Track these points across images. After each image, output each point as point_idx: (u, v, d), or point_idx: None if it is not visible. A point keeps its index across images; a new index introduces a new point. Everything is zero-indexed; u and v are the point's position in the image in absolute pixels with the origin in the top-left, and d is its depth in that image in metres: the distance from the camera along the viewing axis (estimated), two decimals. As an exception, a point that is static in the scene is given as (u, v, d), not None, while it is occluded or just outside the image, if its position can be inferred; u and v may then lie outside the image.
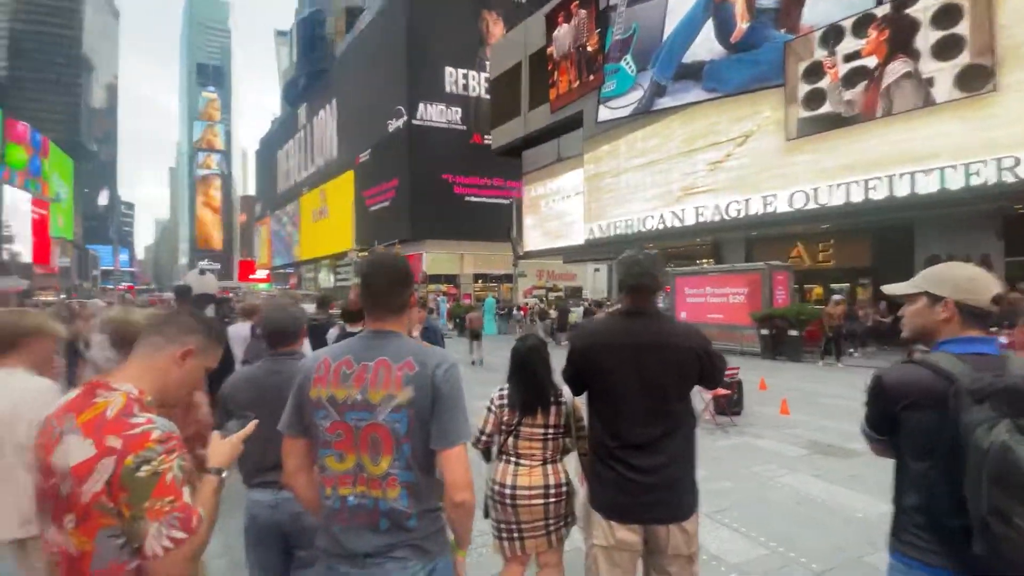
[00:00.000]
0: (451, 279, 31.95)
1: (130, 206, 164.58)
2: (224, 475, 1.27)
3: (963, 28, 10.46)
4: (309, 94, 51.65)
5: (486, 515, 2.27)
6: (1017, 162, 9.82)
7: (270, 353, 2.09)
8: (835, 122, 12.34)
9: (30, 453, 1.21)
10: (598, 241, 19.18)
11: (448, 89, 33.69)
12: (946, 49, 10.66)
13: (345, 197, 41.45)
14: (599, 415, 1.87)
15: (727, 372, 6.27)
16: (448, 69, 33.60)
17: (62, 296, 29.93)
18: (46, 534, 1.16)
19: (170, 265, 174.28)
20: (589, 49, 18.97)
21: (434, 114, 33.39)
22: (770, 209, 13.72)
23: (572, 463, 2.32)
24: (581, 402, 2.10)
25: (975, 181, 10.30)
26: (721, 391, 6.03)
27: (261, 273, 66.84)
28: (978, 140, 10.23)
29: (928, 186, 10.89)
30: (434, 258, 31.78)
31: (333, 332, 4.41)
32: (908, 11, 11.14)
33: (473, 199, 33.06)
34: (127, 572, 1.10)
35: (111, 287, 57.46)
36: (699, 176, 15.63)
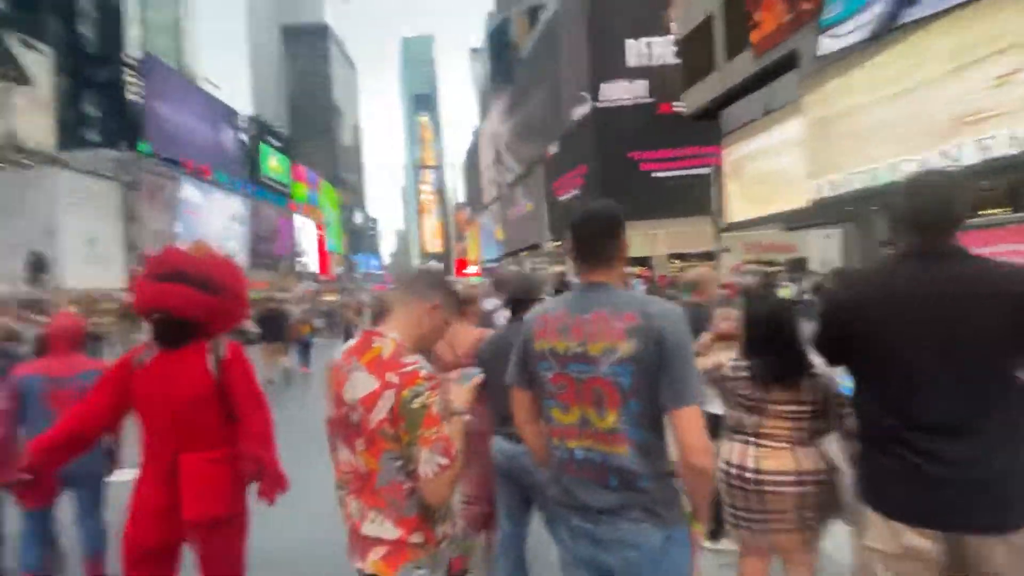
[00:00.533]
0: (644, 261, 30.84)
1: (374, 221, 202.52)
2: (466, 418, 1.43)
3: None
4: (499, 101, 55.63)
5: (713, 538, 2.18)
6: None
7: (514, 318, 2.47)
8: None
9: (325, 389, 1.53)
10: (829, 201, 16.02)
11: (631, 63, 32.44)
12: None
13: (538, 192, 43.49)
14: (875, 389, 1.43)
15: None
16: (629, 42, 32.32)
17: (338, 296, 38.62)
18: (340, 456, 1.44)
19: (407, 267, 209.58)
20: (801, -28, 15.90)
21: (618, 92, 32.58)
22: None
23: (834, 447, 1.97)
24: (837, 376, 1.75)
25: None
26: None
27: (472, 269, 75.41)
28: None
29: None
30: (628, 239, 31.08)
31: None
32: None
33: (663, 174, 31.30)
34: (403, 490, 1.34)
35: (368, 287, 72.46)
36: (979, 98, 11.70)
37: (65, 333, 2.74)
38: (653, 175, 31.37)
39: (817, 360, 1.78)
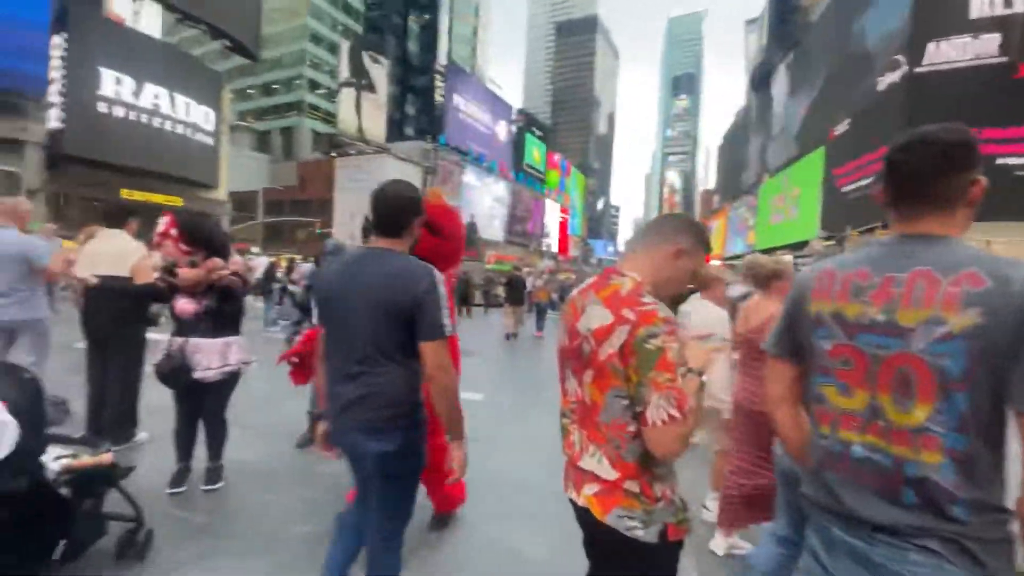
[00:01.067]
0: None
1: (616, 208, 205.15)
2: (704, 379, 1.30)
3: None
4: (776, 75, 49.12)
5: None
6: None
7: None
8: None
9: (562, 321, 1.53)
10: None
11: (975, 15, 24.46)
12: None
13: (812, 179, 37.39)
14: None
15: None
16: (981, -15, 24.40)
17: (573, 277, 41.27)
18: (567, 385, 1.43)
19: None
20: None
21: (952, 52, 25.09)
22: None
23: None
24: None
25: None
26: None
27: (714, 263, 69.99)
28: None
29: None
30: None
31: None
32: None
33: (1015, 159, 23.04)
34: (626, 431, 1.27)
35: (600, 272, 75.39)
36: None
37: None
38: (998, 161, 23.44)
39: None
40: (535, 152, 59.14)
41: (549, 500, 3.20)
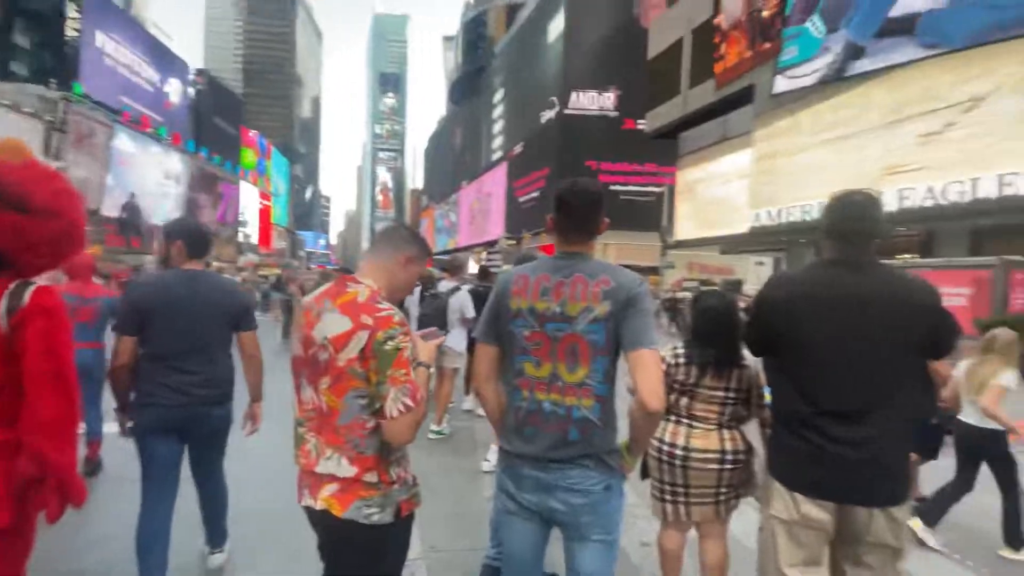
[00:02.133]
0: (596, 269, 31.78)
1: (327, 199, 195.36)
2: (431, 369, 1.50)
3: None
4: (470, 94, 55.24)
5: (643, 476, 2.19)
6: None
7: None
8: None
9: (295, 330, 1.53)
10: (765, 230, 17.14)
11: (601, 76, 33.18)
12: None
13: (498, 189, 43.58)
14: (790, 378, 1.60)
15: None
16: (604, 56, 33.05)
17: (277, 271, 37.10)
18: (303, 395, 1.46)
19: (355, 248, 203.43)
20: (765, 14, 16.88)
21: (586, 102, 33.24)
22: (1009, 191, 10.78)
23: (752, 432, 2.12)
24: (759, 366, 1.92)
25: None
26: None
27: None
28: None
29: None
30: (580, 247, 31.85)
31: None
32: None
33: (621, 187, 32.28)
34: (365, 428, 1.37)
35: (312, 265, 69.68)
36: (906, 152, 12.94)
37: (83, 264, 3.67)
38: (611, 187, 32.25)
39: (746, 352, 1.97)
40: (219, 122, 50.48)
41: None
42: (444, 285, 5.14)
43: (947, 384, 3.20)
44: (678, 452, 2.05)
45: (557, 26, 33.69)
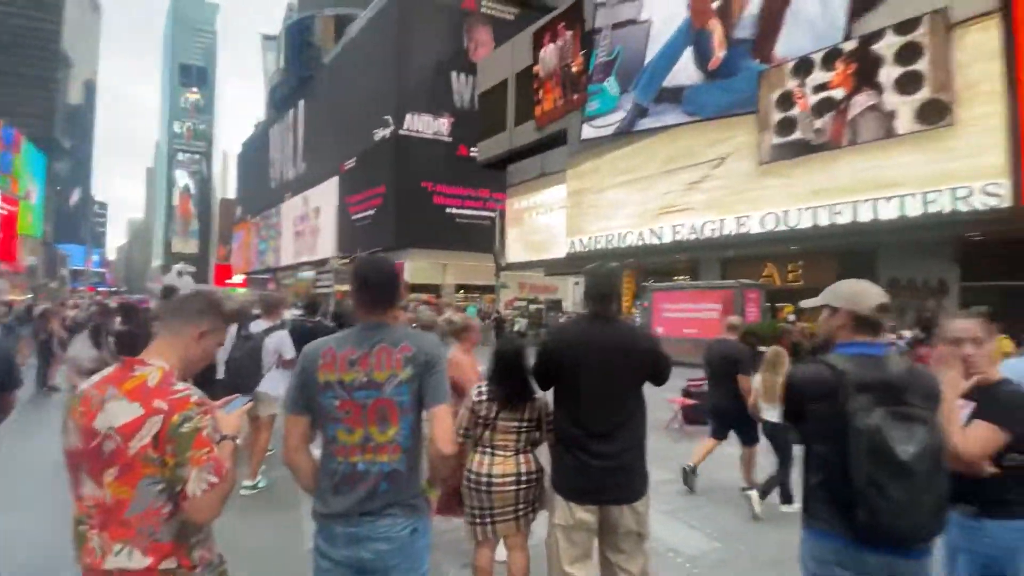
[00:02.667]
0: (433, 289, 32.02)
1: (103, 206, 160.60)
2: (238, 441, 1.47)
3: (923, 65, 11.17)
4: (295, 100, 51.55)
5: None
6: (970, 192, 10.47)
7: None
8: (804, 149, 12.97)
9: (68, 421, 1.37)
10: (579, 255, 19.55)
11: (437, 101, 34.11)
12: (907, 84, 11.36)
13: (328, 204, 41.31)
14: (565, 407, 2.09)
15: (695, 383, 6.57)
16: (437, 82, 34.05)
17: (28, 296, 29.25)
18: (82, 491, 1.33)
19: (142, 266, 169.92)
20: (574, 69, 19.52)
21: (420, 125, 33.73)
22: (743, 230, 14.25)
23: (543, 453, 2.49)
24: (549, 397, 2.34)
25: (932, 209, 10.94)
26: (688, 401, 6.30)
27: (238, 278, 65.76)
28: (936, 171, 10.89)
29: (889, 212, 11.51)
30: (417, 267, 31.84)
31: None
32: (873, 47, 11.85)
33: (457, 210, 33.40)
34: (161, 515, 1.31)
35: (80, 287, 55.87)
36: (677, 196, 16.15)
37: None
38: (447, 210, 33.17)
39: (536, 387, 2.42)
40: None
41: None
42: (258, 325, 4.70)
43: (750, 395, 4.17)
44: (483, 479, 2.36)
45: (390, 45, 33.74)
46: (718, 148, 15.00)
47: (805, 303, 1.78)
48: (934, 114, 10.96)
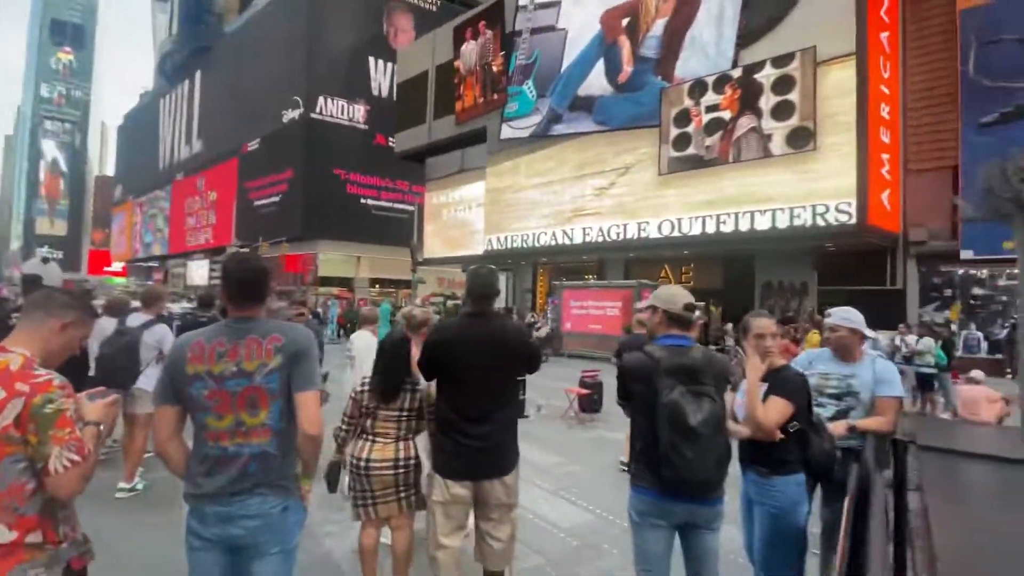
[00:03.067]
0: (346, 282, 30.87)
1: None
2: (101, 427, 1.52)
3: (794, 96, 12.78)
4: (190, 71, 46.92)
5: (331, 490, 2.60)
6: (827, 209, 12.17)
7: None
8: (697, 163, 14.29)
9: None
10: (496, 252, 19.93)
11: (353, 87, 32.75)
12: (781, 111, 12.94)
13: (226, 187, 38.24)
14: (446, 395, 2.31)
15: (589, 374, 7.10)
16: (353, 66, 32.70)
17: None
18: None
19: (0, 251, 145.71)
20: (495, 69, 19.81)
21: (335, 110, 32.22)
22: (644, 234, 15.40)
23: (422, 442, 2.68)
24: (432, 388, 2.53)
25: (797, 222, 12.57)
26: (583, 391, 6.81)
27: (117, 266, 58.85)
28: (802, 189, 12.52)
29: (763, 224, 13.05)
30: (328, 259, 30.51)
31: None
32: (755, 76, 13.34)
33: (373, 201, 32.36)
34: (25, 490, 1.38)
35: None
36: (587, 200, 17.04)
37: None
38: (362, 200, 32.02)
39: (420, 377, 2.50)
40: None
41: None
42: (136, 318, 4.38)
43: None
44: (362, 464, 2.51)
45: (302, 22, 31.86)
46: (624, 157, 16.04)
47: (638, 305, 2.14)
48: (801, 139, 12.60)
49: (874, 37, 12.04)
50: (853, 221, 11.78)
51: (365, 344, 4.11)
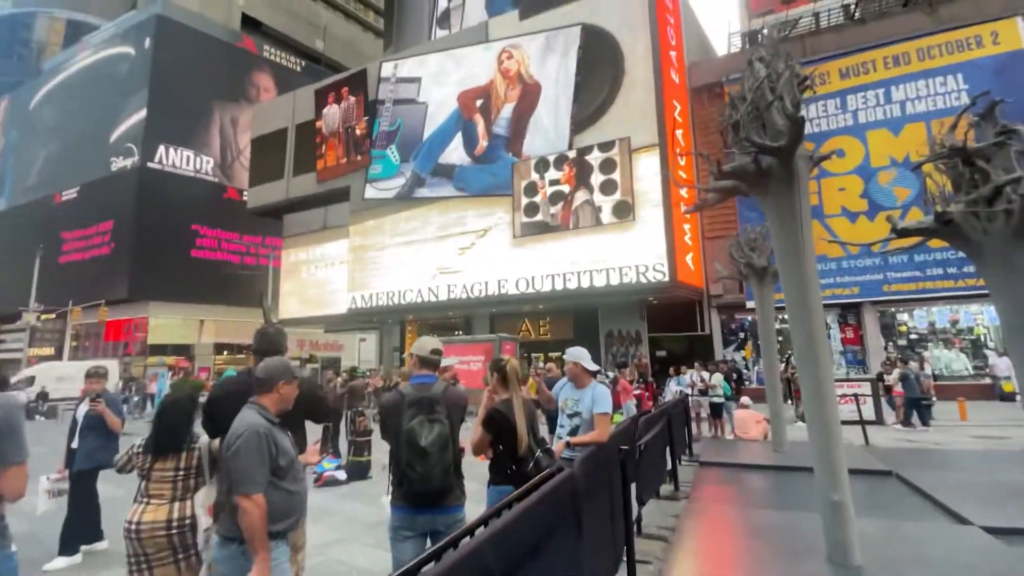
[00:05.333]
0: (184, 349, 27.44)
1: None
2: None
3: (616, 175, 15.31)
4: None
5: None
6: (647, 269, 14.50)
7: None
8: (545, 228, 16.12)
9: None
10: (361, 311, 19.66)
11: (201, 138, 30.67)
12: (607, 188, 15.36)
13: (25, 240, 32.33)
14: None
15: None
16: (201, 114, 30.80)
17: None
18: None
19: None
20: (358, 132, 20.38)
21: (178, 160, 29.71)
22: (503, 291, 16.63)
23: (200, 498, 2.68)
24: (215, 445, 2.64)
25: (625, 280, 14.73)
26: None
27: None
28: (627, 252, 14.79)
29: (600, 281, 15.04)
30: (162, 324, 26.98)
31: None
32: (586, 158, 15.75)
33: (220, 259, 29.81)
34: None
35: None
36: (451, 259, 17.95)
37: None
38: (207, 257, 29.35)
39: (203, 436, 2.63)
40: None
41: None
42: None
43: None
44: (133, 527, 2.50)
45: (141, 64, 29.41)
46: (483, 220, 17.41)
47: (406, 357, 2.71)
48: (623, 211, 15.03)
49: (671, 133, 15.15)
50: (667, 279, 14.19)
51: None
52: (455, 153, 18.15)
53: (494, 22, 18.45)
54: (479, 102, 17.89)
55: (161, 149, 28.99)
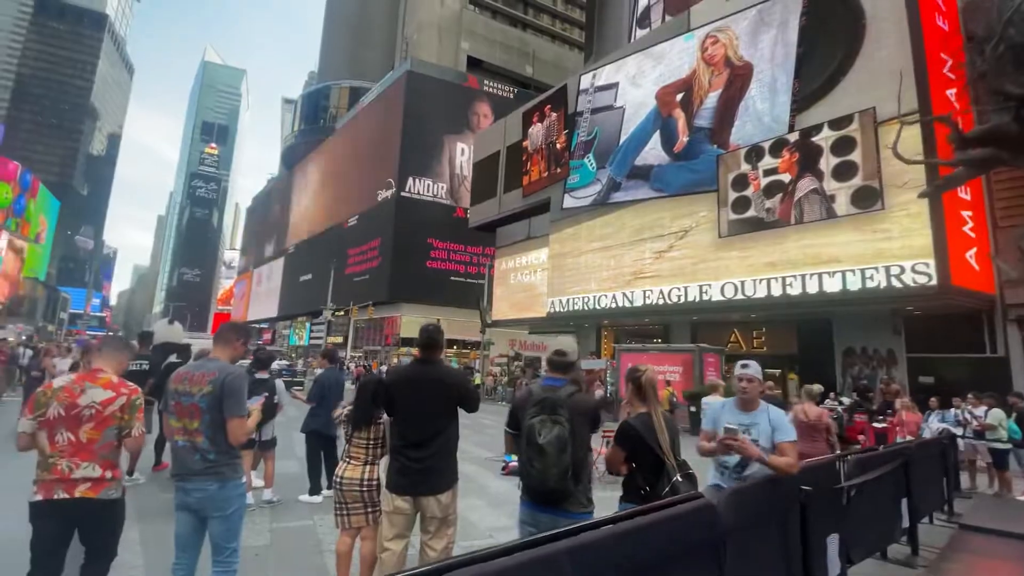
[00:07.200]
0: (422, 343, 32.76)
1: (114, 252, 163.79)
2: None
3: (856, 155, 12.51)
4: (306, 159, 54.56)
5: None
6: (903, 270, 11.42)
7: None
8: (758, 225, 14.12)
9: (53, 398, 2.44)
10: (558, 315, 20.37)
11: (437, 168, 36.55)
12: (843, 172, 12.65)
13: (326, 258, 42.80)
14: (395, 424, 2.85)
15: (608, 432, 7.18)
16: (437, 150, 36.62)
17: (22, 336, 30.11)
18: (57, 439, 2.36)
19: (143, 312, 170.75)
20: (558, 146, 21.29)
21: (421, 188, 35.93)
22: (705, 297, 15.15)
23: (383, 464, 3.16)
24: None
25: (870, 284, 11.85)
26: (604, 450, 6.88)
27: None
28: (872, 249, 11.91)
29: (833, 286, 12.43)
30: (409, 321, 32.71)
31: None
32: (813, 139, 13.28)
33: (450, 268, 34.87)
34: (113, 447, 2.47)
35: (76, 329, 56.51)
36: (646, 263, 17.21)
37: None
38: (440, 267, 34.70)
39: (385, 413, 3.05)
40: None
41: None
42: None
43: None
44: (338, 480, 3.11)
45: (396, 116, 36.52)
46: (682, 221, 16.22)
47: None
48: (867, 199, 12.15)
49: (939, 94, 11.68)
50: (934, 283, 10.94)
51: None
52: (652, 153, 17.40)
53: (696, 9, 17.15)
54: (679, 96, 16.82)
55: (410, 180, 35.53)
